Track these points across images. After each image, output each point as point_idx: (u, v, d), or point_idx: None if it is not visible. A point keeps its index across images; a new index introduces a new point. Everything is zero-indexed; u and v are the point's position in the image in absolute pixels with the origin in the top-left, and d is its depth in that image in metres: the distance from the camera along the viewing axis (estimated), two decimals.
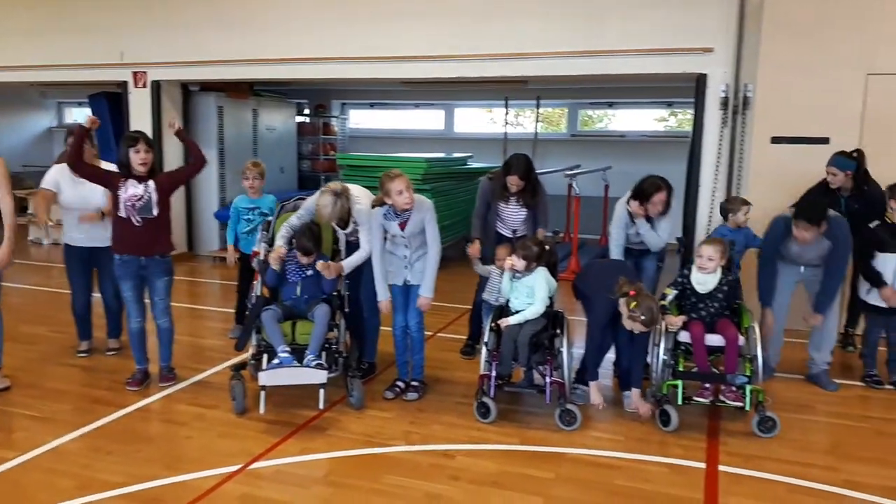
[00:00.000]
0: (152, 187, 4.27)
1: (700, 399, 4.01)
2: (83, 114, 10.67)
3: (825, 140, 5.57)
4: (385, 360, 4.87)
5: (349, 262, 4.30)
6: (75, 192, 4.78)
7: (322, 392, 4.05)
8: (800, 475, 3.48)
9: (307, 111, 12.05)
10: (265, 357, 4.14)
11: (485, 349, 4.12)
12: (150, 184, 4.27)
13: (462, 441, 3.83)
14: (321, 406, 4.08)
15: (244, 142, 9.78)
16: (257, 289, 4.39)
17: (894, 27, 5.51)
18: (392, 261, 4.29)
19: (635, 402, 4.12)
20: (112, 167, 4.49)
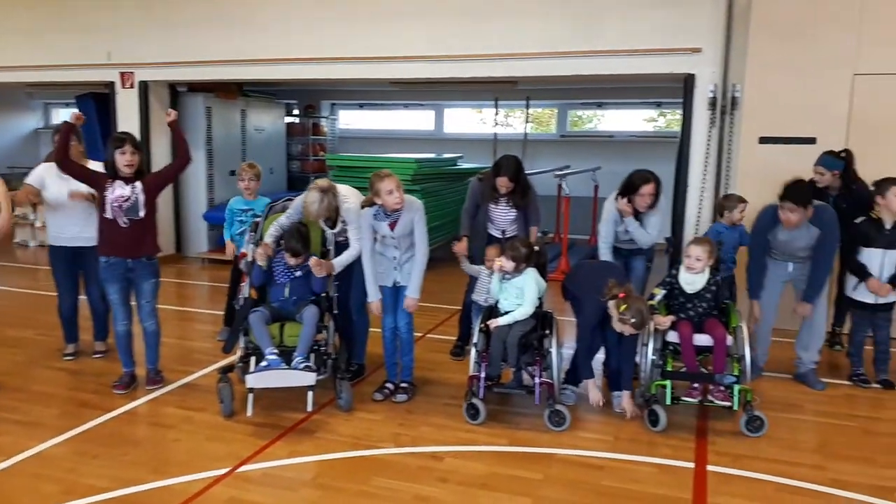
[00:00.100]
0: (139, 188, 4.25)
1: (688, 399, 4.02)
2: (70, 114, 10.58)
3: (812, 140, 5.61)
4: (374, 362, 4.86)
5: (340, 261, 4.28)
6: (60, 190, 4.73)
7: (310, 394, 4.03)
8: (787, 474, 3.50)
9: (296, 112, 12.02)
10: (253, 359, 4.11)
11: (474, 350, 4.11)
12: (138, 185, 4.25)
13: (451, 443, 3.82)
14: (309, 408, 4.06)
15: (233, 143, 9.74)
16: (245, 291, 4.37)
17: (881, 28, 5.55)
18: (381, 262, 4.27)
19: (624, 403, 4.13)
20: (99, 167, 4.45)
